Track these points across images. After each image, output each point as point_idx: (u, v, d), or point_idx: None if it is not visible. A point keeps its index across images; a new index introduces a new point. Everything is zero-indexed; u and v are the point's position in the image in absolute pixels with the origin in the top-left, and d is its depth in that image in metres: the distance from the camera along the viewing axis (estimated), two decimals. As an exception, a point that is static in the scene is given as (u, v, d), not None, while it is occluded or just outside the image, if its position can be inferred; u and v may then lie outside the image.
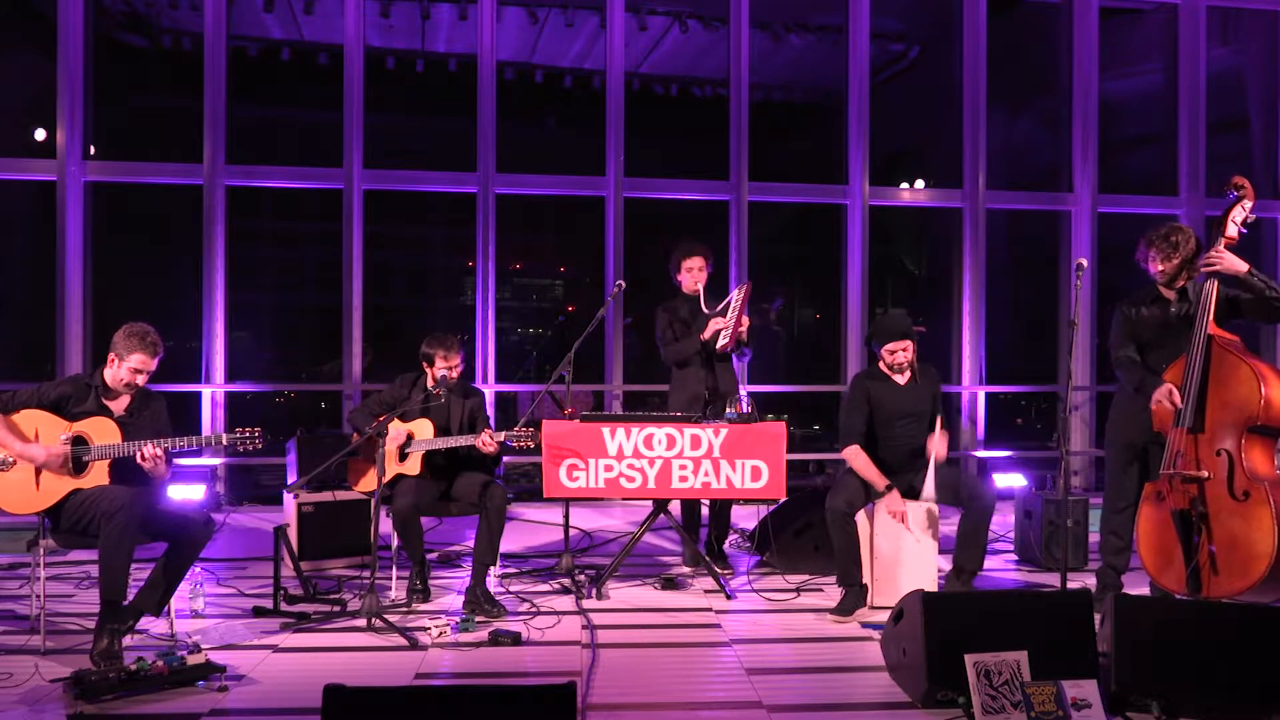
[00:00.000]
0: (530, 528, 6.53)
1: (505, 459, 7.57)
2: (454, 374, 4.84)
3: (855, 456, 4.67)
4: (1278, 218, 8.67)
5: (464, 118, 7.86)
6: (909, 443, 4.73)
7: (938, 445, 4.66)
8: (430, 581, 4.85)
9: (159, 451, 3.90)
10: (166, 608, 3.95)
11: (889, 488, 4.56)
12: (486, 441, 4.66)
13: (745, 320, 5.26)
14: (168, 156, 7.79)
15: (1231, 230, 4.04)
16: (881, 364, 4.78)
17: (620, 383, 7.87)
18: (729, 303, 5.32)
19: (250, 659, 3.83)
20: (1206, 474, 3.89)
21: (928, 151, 9.67)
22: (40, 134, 7.90)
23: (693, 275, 5.42)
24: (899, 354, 4.70)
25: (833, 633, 4.27)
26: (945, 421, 4.83)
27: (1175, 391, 3.99)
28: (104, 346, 4.03)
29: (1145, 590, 4.32)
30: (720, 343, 5.23)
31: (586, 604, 4.65)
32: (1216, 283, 4.01)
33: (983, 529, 4.57)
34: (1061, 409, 4.55)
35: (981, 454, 8.19)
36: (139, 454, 3.89)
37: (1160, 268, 4.26)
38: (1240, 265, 4.00)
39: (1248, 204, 4.06)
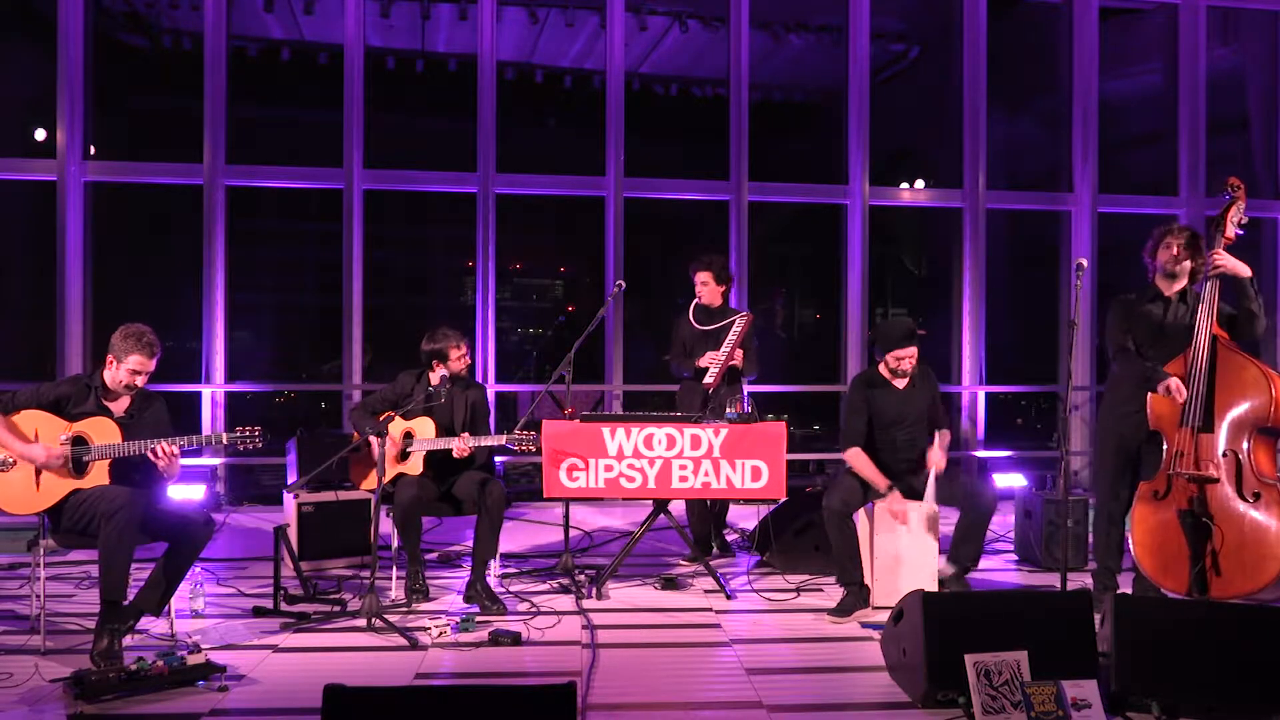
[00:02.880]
0: (530, 528, 6.53)
1: (505, 459, 7.58)
2: (465, 362, 4.89)
3: (856, 458, 4.67)
4: (1278, 218, 8.68)
5: (464, 118, 7.86)
6: (908, 446, 4.72)
7: (937, 458, 4.64)
8: (430, 581, 4.85)
9: (175, 450, 3.90)
10: (166, 608, 3.95)
11: (890, 488, 4.56)
12: (460, 450, 4.68)
13: (738, 355, 5.38)
14: (168, 156, 7.79)
15: (1230, 231, 4.08)
16: (883, 368, 4.77)
17: (620, 383, 7.87)
18: (726, 332, 5.41)
19: (250, 659, 3.83)
20: (1215, 474, 3.88)
21: (928, 151, 9.67)
22: (40, 134, 7.90)
23: (697, 289, 5.57)
24: (905, 361, 4.69)
25: (833, 633, 4.27)
26: (945, 422, 4.84)
27: (1182, 384, 3.97)
28: (104, 347, 4.01)
29: (1129, 590, 4.34)
30: (705, 380, 5.36)
31: (586, 604, 4.65)
32: (1217, 285, 4.03)
33: (981, 528, 4.58)
34: (1061, 409, 4.55)
35: (981, 454, 8.19)
36: (154, 452, 3.87)
37: (1175, 252, 4.22)
38: (1244, 269, 4.05)
39: (1242, 205, 4.12)
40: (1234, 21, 8.96)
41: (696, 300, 5.58)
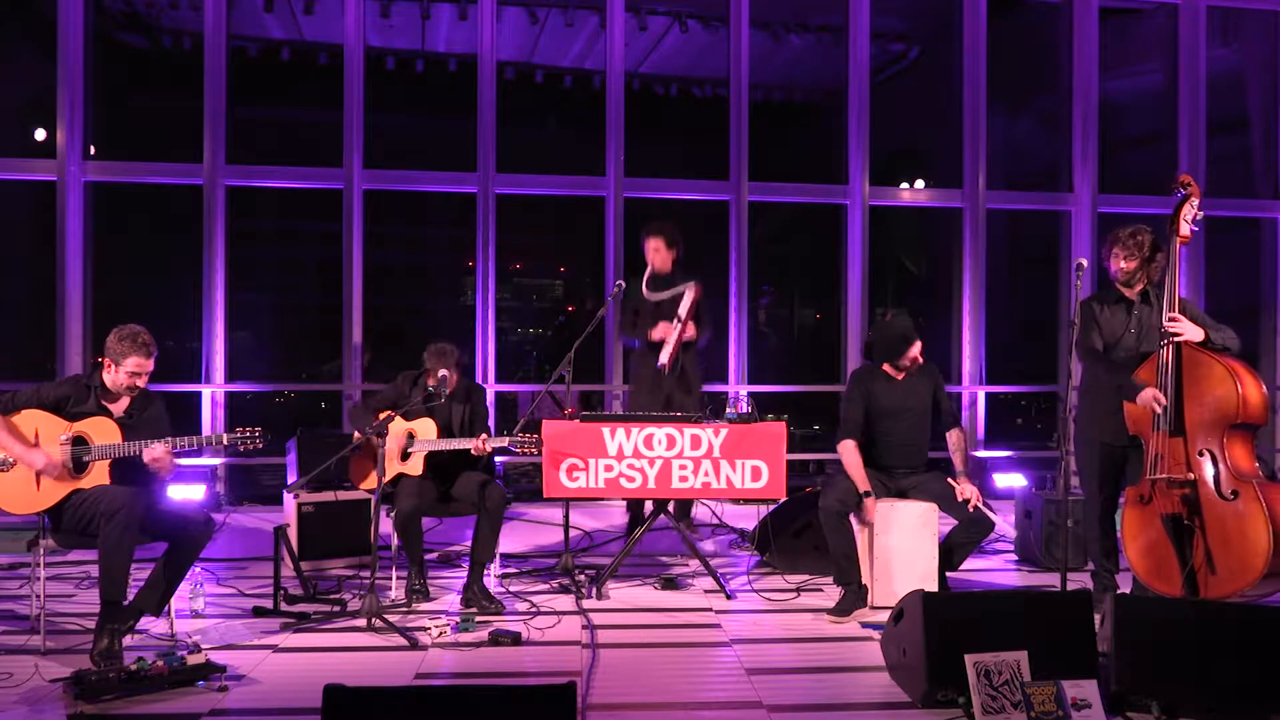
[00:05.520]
0: (530, 528, 6.52)
1: (505, 459, 7.57)
2: (450, 381, 4.84)
3: (847, 453, 4.67)
4: (1278, 218, 8.67)
5: (464, 118, 7.85)
6: (905, 438, 4.73)
7: (968, 490, 4.52)
8: (430, 581, 4.85)
9: (168, 450, 3.90)
10: (166, 608, 3.95)
11: (866, 494, 4.55)
12: (479, 447, 4.67)
13: (691, 330, 5.46)
14: (168, 156, 7.79)
15: (1185, 229, 4.11)
16: (886, 365, 4.78)
17: (620, 383, 7.86)
18: (677, 303, 5.45)
19: (250, 659, 3.83)
20: (1192, 476, 3.90)
21: (928, 151, 9.67)
22: (40, 134, 7.90)
23: (649, 255, 5.70)
24: (907, 359, 4.72)
25: (833, 633, 4.27)
26: (954, 412, 4.84)
27: (1160, 394, 4.00)
28: (104, 347, 4.01)
29: (1129, 589, 4.34)
30: (660, 360, 5.43)
31: (586, 604, 4.65)
32: (1177, 285, 4.07)
33: (974, 544, 4.67)
34: (1061, 409, 4.55)
35: (981, 454, 8.19)
36: (145, 453, 3.88)
37: (1123, 265, 4.28)
38: (1197, 333, 4.01)
39: (1195, 201, 4.13)
40: (1234, 21, 8.96)
41: (649, 269, 5.67)
